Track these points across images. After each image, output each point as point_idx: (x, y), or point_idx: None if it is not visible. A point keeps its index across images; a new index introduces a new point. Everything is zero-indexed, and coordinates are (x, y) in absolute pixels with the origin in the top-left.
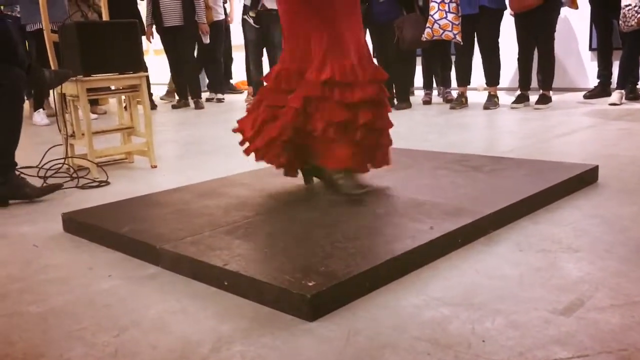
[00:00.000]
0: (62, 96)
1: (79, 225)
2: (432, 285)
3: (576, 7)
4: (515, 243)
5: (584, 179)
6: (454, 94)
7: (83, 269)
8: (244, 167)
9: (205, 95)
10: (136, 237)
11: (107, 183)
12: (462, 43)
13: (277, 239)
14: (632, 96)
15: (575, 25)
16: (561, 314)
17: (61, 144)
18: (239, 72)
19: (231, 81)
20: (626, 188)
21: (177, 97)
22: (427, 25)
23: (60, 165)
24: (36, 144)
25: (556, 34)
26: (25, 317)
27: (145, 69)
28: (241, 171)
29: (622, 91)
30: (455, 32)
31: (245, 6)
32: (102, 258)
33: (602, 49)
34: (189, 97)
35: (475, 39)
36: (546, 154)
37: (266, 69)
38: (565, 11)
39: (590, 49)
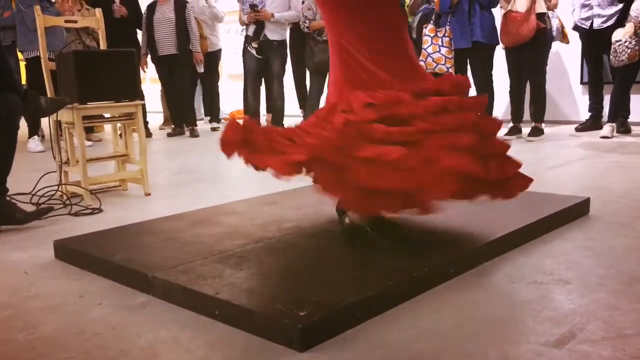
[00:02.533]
0: (57, 123)
1: (71, 252)
2: (423, 316)
3: (567, 42)
4: (507, 275)
5: (576, 211)
6: None
7: (73, 297)
8: (238, 196)
9: (202, 121)
10: (127, 265)
11: (100, 210)
12: None
13: (269, 268)
14: (623, 129)
15: (566, 59)
16: (553, 346)
17: (55, 171)
18: (235, 102)
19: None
20: (618, 220)
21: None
22: (421, 58)
23: (53, 192)
24: (30, 170)
25: (548, 68)
26: (14, 345)
27: (142, 97)
28: (234, 199)
29: (614, 124)
30: (448, 65)
31: (247, 37)
32: (93, 286)
33: (593, 83)
34: (184, 126)
35: (469, 72)
36: (538, 185)
37: (263, 98)
38: (556, 46)
39: (582, 82)
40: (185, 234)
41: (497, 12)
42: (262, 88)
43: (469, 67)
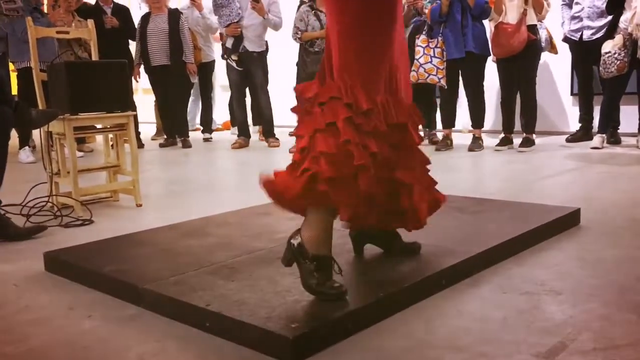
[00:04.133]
0: (48, 134)
1: (61, 264)
2: (416, 327)
3: (556, 52)
4: (499, 285)
5: (567, 222)
6: (439, 135)
7: (63, 309)
8: (230, 207)
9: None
10: (118, 277)
11: (91, 222)
12: (446, 87)
13: (261, 280)
14: (613, 140)
15: (557, 70)
16: (544, 357)
17: (46, 182)
18: (225, 113)
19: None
20: (608, 231)
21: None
22: (413, 68)
23: (44, 203)
24: (21, 181)
25: (538, 79)
26: (2, 359)
27: (134, 108)
28: (226, 210)
29: (604, 135)
30: (440, 76)
31: (227, 49)
32: (83, 298)
33: (583, 95)
34: (177, 136)
35: (460, 82)
36: (529, 196)
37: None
38: (546, 57)
39: (572, 93)
40: (177, 245)
41: (487, 23)
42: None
43: (460, 77)
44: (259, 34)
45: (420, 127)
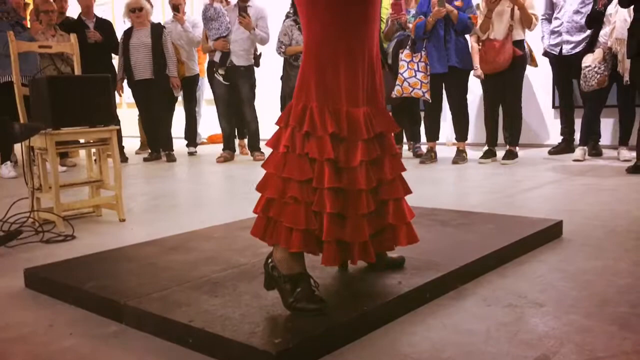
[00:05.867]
0: (30, 149)
1: (41, 280)
2: (400, 341)
3: (535, 65)
4: (483, 298)
5: (549, 234)
6: (424, 148)
7: (43, 327)
8: (214, 221)
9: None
10: (99, 293)
11: (72, 237)
12: (430, 101)
13: (245, 295)
14: (594, 152)
15: (538, 84)
16: None
17: (27, 197)
18: (213, 126)
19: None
20: (590, 243)
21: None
22: (397, 83)
23: (25, 219)
24: (1, 197)
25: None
26: None
27: (117, 122)
28: (211, 225)
29: (585, 148)
30: (424, 90)
31: (214, 63)
32: (63, 315)
33: (564, 108)
34: (161, 150)
35: (444, 96)
36: (513, 208)
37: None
38: (528, 70)
39: (554, 106)
40: (160, 260)
41: (468, 37)
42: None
43: (444, 91)
44: (246, 48)
45: (404, 139)
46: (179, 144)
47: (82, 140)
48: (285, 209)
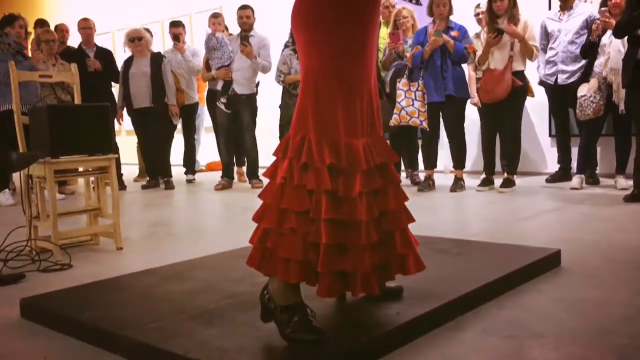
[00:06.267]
0: (29, 177)
1: (38, 311)
2: None
3: (532, 95)
4: (482, 328)
5: (548, 263)
6: (422, 176)
7: (38, 358)
8: (211, 249)
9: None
10: (96, 324)
11: (69, 266)
12: (428, 129)
13: (242, 325)
14: (591, 181)
15: (535, 112)
16: None
17: (24, 226)
18: (211, 153)
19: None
20: (588, 272)
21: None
22: (395, 111)
23: (22, 248)
24: None
25: None
26: None
27: (116, 150)
28: (208, 253)
29: (582, 176)
30: (421, 118)
31: (215, 91)
32: (58, 347)
33: (561, 137)
34: (159, 178)
35: (442, 124)
36: (511, 237)
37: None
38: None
39: (550, 135)
40: (157, 290)
41: (465, 66)
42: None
43: (441, 119)
44: (248, 76)
45: (402, 167)
46: (178, 171)
47: (80, 169)
48: (282, 239)
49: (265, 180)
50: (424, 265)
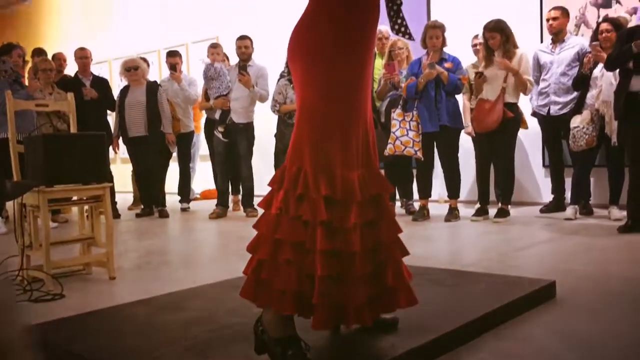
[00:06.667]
0: (22, 206)
1: (28, 342)
2: None
3: (526, 127)
4: None
5: (543, 295)
6: (416, 206)
7: None
8: (206, 279)
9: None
10: (86, 356)
11: (61, 296)
12: (422, 159)
13: (236, 356)
14: (585, 211)
15: (529, 142)
16: None
17: (17, 255)
18: (206, 181)
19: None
20: (583, 304)
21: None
22: (389, 141)
23: (14, 277)
24: None
25: None
26: None
27: (111, 179)
28: (202, 283)
29: (576, 206)
30: (416, 148)
31: (214, 120)
32: None
33: (554, 167)
34: (154, 206)
35: (436, 154)
36: (506, 267)
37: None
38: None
39: (544, 165)
40: (151, 320)
41: (459, 96)
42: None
43: (435, 149)
44: (246, 106)
45: (397, 196)
46: (173, 199)
47: (74, 197)
48: (277, 271)
49: (261, 210)
50: (416, 300)
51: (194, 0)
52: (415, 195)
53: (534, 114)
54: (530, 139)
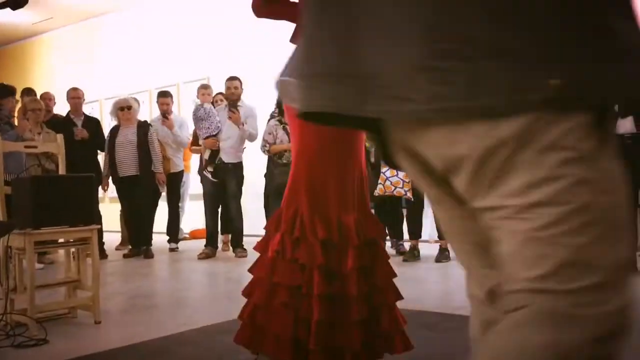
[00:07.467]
0: (7, 248)
1: None
2: None
3: None
4: None
5: None
6: (406, 246)
7: None
8: (193, 323)
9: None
10: None
11: (45, 341)
12: (412, 199)
13: None
14: None
15: None
16: None
17: (1, 299)
18: (195, 221)
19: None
20: None
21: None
22: (379, 182)
23: None
24: None
25: None
26: None
27: (99, 219)
28: (190, 327)
29: None
30: (406, 189)
31: (204, 160)
32: None
33: None
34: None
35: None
36: None
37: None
38: None
39: None
40: None
41: None
42: None
43: None
44: (235, 146)
45: (387, 237)
46: (161, 239)
47: (61, 239)
48: (273, 316)
49: (250, 250)
50: (411, 345)
51: (186, 40)
52: (406, 236)
53: None
54: None
